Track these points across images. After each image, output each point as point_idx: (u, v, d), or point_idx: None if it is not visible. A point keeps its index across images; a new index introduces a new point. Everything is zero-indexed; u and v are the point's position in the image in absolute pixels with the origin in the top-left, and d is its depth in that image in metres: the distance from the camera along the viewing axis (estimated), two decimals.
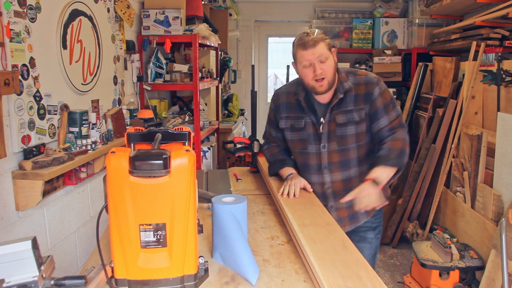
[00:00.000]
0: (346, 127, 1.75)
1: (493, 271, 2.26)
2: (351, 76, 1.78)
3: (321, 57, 1.66)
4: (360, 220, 1.88)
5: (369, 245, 1.92)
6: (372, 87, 1.74)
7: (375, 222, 1.93)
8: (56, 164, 1.95)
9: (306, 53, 1.66)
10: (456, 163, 3.04)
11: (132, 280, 1.06)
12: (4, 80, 1.70)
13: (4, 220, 1.82)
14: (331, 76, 1.70)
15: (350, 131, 1.76)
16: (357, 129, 1.75)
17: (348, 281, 1.05)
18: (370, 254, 1.93)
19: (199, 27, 3.33)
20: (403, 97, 4.43)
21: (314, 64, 1.67)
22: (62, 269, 2.22)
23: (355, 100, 1.75)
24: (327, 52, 1.67)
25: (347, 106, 1.75)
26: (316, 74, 1.68)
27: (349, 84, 1.75)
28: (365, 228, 1.91)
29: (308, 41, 1.65)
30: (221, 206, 1.25)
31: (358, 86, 1.76)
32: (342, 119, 1.75)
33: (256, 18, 5.56)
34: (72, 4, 2.27)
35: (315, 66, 1.67)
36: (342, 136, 1.76)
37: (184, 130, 1.17)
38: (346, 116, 1.75)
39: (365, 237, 1.91)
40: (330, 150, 1.79)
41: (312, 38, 1.66)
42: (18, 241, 0.97)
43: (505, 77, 2.59)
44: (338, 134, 1.77)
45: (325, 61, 1.67)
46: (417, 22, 4.45)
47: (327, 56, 1.67)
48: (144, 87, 3.28)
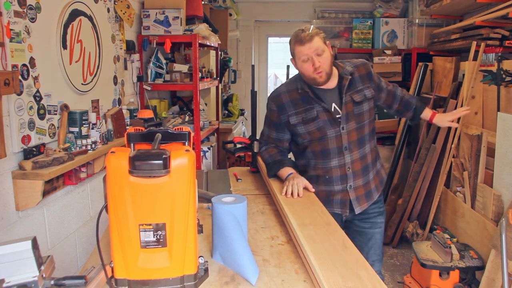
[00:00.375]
0: (362, 104, 1.92)
1: (493, 271, 2.26)
2: (347, 62, 1.99)
3: (318, 50, 1.78)
4: (374, 197, 2.00)
5: (379, 229, 2.04)
6: (368, 66, 1.98)
7: (382, 207, 2.07)
8: (56, 164, 1.95)
9: (303, 48, 1.78)
10: (456, 163, 3.04)
11: (132, 280, 1.06)
12: (4, 80, 1.70)
13: (4, 220, 1.82)
14: (328, 67, 1.83)
15: (366, 108, 1.93)
16: (369, 105, 1.94)
17: (348, 281, 1.05)
18: (381, 238, 2.07)
19: (199, 27, 3.33)
20: None
21: (312, 58, 1.79)
22: (62, 269, 2.22)
23: (361, 79, 1.94)
24: (323, 45, 1.80)
25: (357, 86, 1.92)
26: (316, 67, 1.80)
27: (350, 68, 1.94)
28: (375, 214, 2.03)
29: (305, 37, 1.78)
30: (221, 206, 1.25)
31: (358, 68, 1.95)
32: (358, 97, 1.91)
33: (256, 18, 5.56)
34: (72, 4, 2.27)
35: (314, 60, 1.79)
36: (360, 114, 1.91)
37: (184, 130, 1.17)
38: (360, 94, 1.92)
39: (376, 222, 2.03)
40: (349, 130, 1.90)
41: (308, 33, 1.78)
42: (18, 241, 0.97)
43: (505, 77, 2.59)
44: (356, 113, 1.91)
45: (322, 54, 1.80)
46: (417, 22, 4.45)
47: (323, 49, 1.80)
48: (144, 87, 3.28)
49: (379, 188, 2.03)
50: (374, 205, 2.01)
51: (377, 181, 2.02)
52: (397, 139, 4.07)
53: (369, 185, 1.97)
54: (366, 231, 2.02)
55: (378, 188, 2.02)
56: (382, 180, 2.06)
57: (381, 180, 2.05)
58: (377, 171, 2.03)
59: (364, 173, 1.94)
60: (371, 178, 1.98)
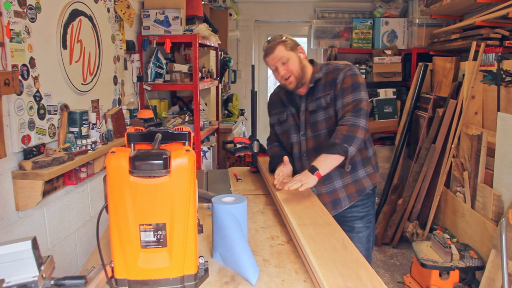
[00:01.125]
0: (317, 113, 1.89)
1: (493, 271, 2.26)
2: (324, 66, 1.94)
3: (282, 59, 1.84)
4: (343, 206, 1.96)
5: (358, 234, 1.99)
6: (337, 72, 1.87)
7: (363, 211, 1.99)
8: (56, 164, 1.95)
9: (268, 60, 1.87)
10: (456, 163, 3.04)
11: (132, 280, 1.06)
12: (4, 80, 1.70)
13: (4, 220, 1.82)
14: (298, 72, 1.86)
15: (320, 117, 1.89)
16: (326, 115, 1.88)
17: (348, 281, 1.05)
18: (362, 244, 1.99)
19: (199, 27, 3.33)
20: (403, 97, 4.43)
21: (277, 67, 1.86)
22: (62, 269, 2.22)
23: (324, 87, 1.89)
24: (287, 53, 1.83)
25: (317, 94, 1.90)
26: (282, 75, 1.86)
27: (320, 74, 1.91)
28: (352, 218, 1.99)
29: (268, 48, 1.86)
30: (221, 206, 1.25)
31: (327, 74, 1.91)
32: (312, 106, 1.90)
33: (256, 18, 5.56)
34: (72, 4, 2.27)
35: (279, 69, 1.86)
36: (314, 123, 1.91)
37: (184, 130, 1.17)
38: (315, 103, 1.89)
39: (353, 227, 1.99)
40: (307, 137, 1.94)
41: (270, 45, 1.85)
42: (18, 241, 0.97)
43: (505, 77, 2.59)
44: (311, 121, 1.92)
45: (287, 62, 1.84)
46: (417, 22, 4.45)
47: (288, 57, 1.83)
48: (144, 87, 3.28)
49: (353, 197, 1.94)
50: (352, 208, 1.96)
51: (351, 190, 1.94)
52: (397, 139, 4.07)
53: (336, 194, 1.93)
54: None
55: (351, 197, 1.94)
56: (362, 190, 1.95)
57: (360, 189, 1.95)
58: (353, 180, 1.93)
59: (326, 181, 1.90)
60: (339, 186, 1.93)
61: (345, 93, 1.82)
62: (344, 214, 1.96)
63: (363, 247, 1.99)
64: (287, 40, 1.86)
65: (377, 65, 4.49)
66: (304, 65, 1.89)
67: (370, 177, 1.97)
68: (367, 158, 1.97)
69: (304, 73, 1.88)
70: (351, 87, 1.81)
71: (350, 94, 1.81)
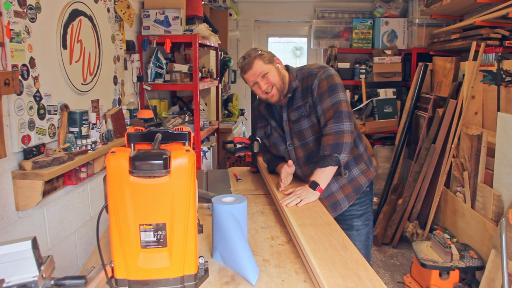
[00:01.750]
0: (300, 122, 1.88)
1: (493, 271, 2.26)
2: (299, 73, 1.91)
3: (262, 73, 1.81)
4: (342, 207, 1.96)
5: (357, 232, 2.01)
6: (312, 78, 1.85)
7: (361, 209, 2.00)
8: (56, 164, 1.95)
9: (247, 76, 1.84)
10: (456, 163, 3.04)
11: (132, 280, 1.06)
12: (4, 80, 1.70)
13: (4, 220, 1.82)
14: (279, 83, 1.83)
15: (304, 125, 1.88)
16: (310, 122, 1.86)
17: (348, 281, 1.05)
18: (361, 241, 2.01)
19: (199, 27, 3.33)
20: (403, 97, 4.43)
21: (258, 82, 1.83)
22: (62, 269, 2.22)
23: (302, 95, 1.87)
24: (266, 67, 1.81)
25: (297, 102, 1.88)
26: (263, 90, 1.83)
27: (297, 82, 1.88)
28: (350, 216, 2.00)
29: (245, 65, 1.82)
30: (221, 206, 1.26)
31: (303, 80, 1.88)
32: (294, 115, 1.89)
33: (256, 18, 5.56)
34: (72, 4, 2.27)
35: (259, 83, 1.82)
36: (300, 132, 1.89)
37: (184, 130, 1.17)
38: (297, 112, 1.88)
39: (352, 225, 2.00)
40: (294, 146, 1.93)
41: (247, 60, 1.82)
42: (18, 241, 0.97)
43: (505, 77, 2.59)
44: (295, 131, 1.90)
45: (267, 75, 1.81)
46: (417, 22, 4.45)
47: (267, 70, 1.81)
48: (144, 87, 3.28)
49: (351, 196, 1.95)
50: (350, 207, 1.97)
51: (348, 190, 1.94)
52: (397, 139, 4.07)
53: (334, 197, 1.93)
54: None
55: (350, 197, 1.95)
56: (359, 187, 1.95)
57: (357, 188, 1.95)
58: (349, 180, 1.94)
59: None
60: (335, 189, 1.93)
61: (323, 97, 1.80)
62: (342, 213, 1.97)
63: (362, 245, 2.02)
64: (263, 53, 1.83)
65: (377, 65, 4.49)
66: (283, 75, 1.86)
67: (365, 173, 1.96)
68: (359, 156, 1.96)
69: (285, 84, 1.86)
70: (328, 90, 1.79)
71: (328, 97, 1.79)
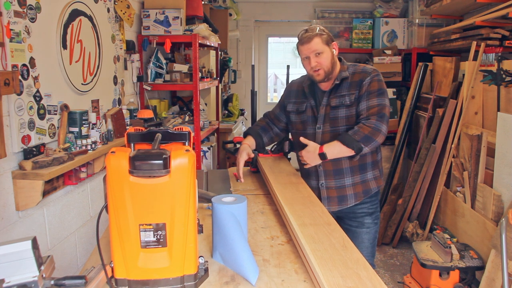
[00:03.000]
0: (338, 109, 1.95)
1: (493, 271, 2.26)
2: (351, 66, 2.01)
3: (316, 51, 1.88)
4: (348, 204, 2.02)
5: (367, 229, 2.07)
6: (365, 75, 1.94)
7: (372, 208, 2.07)
8: (56, 164, 1.95)
9: (302, 48, 1.91)
10: (456, 163, 3.04)
11: (132, 280, 1.06)
12: (4, 80, 1.70)
13: (4, 220, 1.82)
14: (328, 67, 1.91)
15: (341, 114, 1.94)
16: (348, 112, 1.93)
17: (348, 281, 1.05)
18: (370, 239, 2.08)
19: (199, 27, 3.33)
20: (403, 97, 4.43)
21: (310, 58, 1.90)
22: (62, 269, 2.22)
23: (349, 86, 1.95)
24: (322, 47, 1.89)
25: (342, 91, 1.96)
26: (312, 66, 1.91)
27: (347, 73, 1.96)
28: (362, 214, 2.06)
29: (304, 38, 1.90)
30: (221, 206, 1.25)
31: (354, 74, 1.97)
32: (335, 102, 1.95)
33: (256, 18, 5.56)
34: (72, 4, 2.26)
35: (310, 59, 1.90)
36: (335, 118, 1.96)
37: (184, 130, 1.17)
38: (339, 99, 1.95)
39: (363, 222, 2.06)
40: (323, 131, 1.98)
41: (308, 34, 1.89)
42: (18, 241, 0.97)
43: (505, 77, 2.59)
44: (331, 116, 1.96)
45: (320, 55, 1.89)
46: (417, 22, 4.45)
47: (322, 50, 1.89)
48: (144, 87, 3.28)
49: (359, 196, 2.02)
50: (361, 205, 2.03)
51: (359, 189, 2.01)
52: (397, 139, 4.07)
53: (344, 190, 2.00)
54: (353, 230, 2.06)
55: (358, 196, 2.02)
56: (368, 191, 2.03)
57: (366, 190, 2.03)
58: (362, 180, 2.02)
59: (336, 175, 1.98)
60: (348, 184, 2.00)
61: (371, 95, 1.89)
62: (354, 210, 2.04)
63: (370, 242, 2.08)
64: (324, 34, 1.90)
65: (377, 65, 4.48)
66: (335, 61, 1.95)
67: (376, 180, 2.06)
68: (376, 162, 2.05)
69: (333, 69, 1.94)
70: (377, 91, 1.89)
71: (376, 98, 1.88)
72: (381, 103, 1.87)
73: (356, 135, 1.82)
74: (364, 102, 1.89)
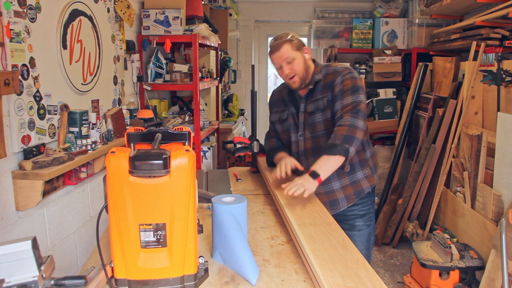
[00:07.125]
0: (315, 115, 1.91)
1: (493, 271, 2.26)
2: (324, 68, 1.94)
3: (288, 58, 1.84)
4: (341, 207, 1.97)
5: (358, 232, 2.01)
6: (336, 75, 1.88)
7: (363, 210, 2.01)
8: (56, 164, 1.95)
9: (274, 57, 1.88)
10: (456, 163, 3.04)
11: (132, 280, 1.06)
12: (4, 80, 1.70)
13: (4, 220, 1.82)
14: (302, 72, 1.86)
15: (318, 119, 1.91)
16: (324, 116, 1.89)
17: (348, 281, 1.05)
18: (363, 242, 2.01)
19: (199, 27, 3.33)
20: (403, 97, 4.43)
21: (282, 66, 1.86)
22: (62, 269, 2.22)
23: (322, 89, 1.90)
24: (293, 53, 1.84)
25: (316, 95, 1.91)
26: (286, 74, 1.87)
27: (320, 76, 1.91)
28: (353, 216, 2.00)
29: (273, 46, 1.86)
30: (221, 206, 1.26)
31: (326, 76, 1.91)
32: (311, 107, 1.92)
33: (256, 18, 5.56)
34: (72, 4, 2.26)
35: (283, 68, 1.86)
36: (312, 124, 1.92)
37: (184, 130, 1.17)
38: (314, 104, 1.91)
39: (354, 225, 2.01)
40: (305, 137, 1.95)
41: (277, 42, 1.85)
42: (18, 241, 0.97)
43: (505, 77, 2.59)
44: (309, 122, 1.93)
45: (292, 61, 1.84)
46: (417, 22, 4.45)
47: (293, 56, 1.84)
48: (144, 87, 3.28)
49: (352, 198, 1.96)
50: (352, 207, 1.97)
51: (349, 191, 1.95)
52: (397, 139, 4.07)
53: (334, 195, 1.94)
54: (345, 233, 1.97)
55: (350, 198, 1.95)
56: (361, 191, 1.96)
57: (358, 191, 1.96)
58: (352, 182, 1.95)
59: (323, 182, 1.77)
60: (337, 187, 1.94)
61: (345, 94, 1.81)
62: (344, 212, 1.98)
63: (364, 245, 2.01)
64: (293, 40, 1.85)
65: (377, 65, 4.49)
66: (308, 65, 1.89)
67: (368, 179, 1.98)
68: (365, 160, 1.97)
69: (308, 74, 1.89)
70: (351, 89, 1.82)
71: (350, 95, 1.80)
72: (355, 100, 1.79)
73: (336, 139, 1.72)
74: (339, 102, 1.82)
